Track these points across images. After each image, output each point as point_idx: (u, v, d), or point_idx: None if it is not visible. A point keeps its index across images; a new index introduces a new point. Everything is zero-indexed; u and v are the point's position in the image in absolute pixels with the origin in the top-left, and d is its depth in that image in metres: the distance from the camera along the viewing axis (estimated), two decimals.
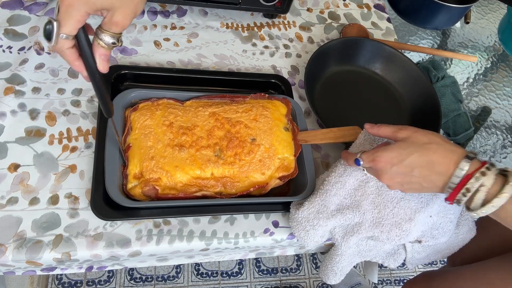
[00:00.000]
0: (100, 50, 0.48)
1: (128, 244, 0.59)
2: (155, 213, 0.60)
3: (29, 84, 0.68)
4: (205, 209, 0.62)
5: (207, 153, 0.62)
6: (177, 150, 0.61)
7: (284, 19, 0.90)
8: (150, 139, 0.61)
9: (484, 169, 0.48)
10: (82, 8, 0.44)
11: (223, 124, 0.64)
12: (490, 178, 0.47)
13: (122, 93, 0.65)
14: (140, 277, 1.26)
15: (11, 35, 0.72)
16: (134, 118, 0.63)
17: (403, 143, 0.52)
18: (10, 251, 0.55)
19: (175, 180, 0.60)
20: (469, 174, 0.48)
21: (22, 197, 0.59)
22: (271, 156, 0.64)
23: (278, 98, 0.70)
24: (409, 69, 0.83)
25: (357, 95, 0.83)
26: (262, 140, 0.64)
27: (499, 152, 0.89)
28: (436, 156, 0.49)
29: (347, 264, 0.67)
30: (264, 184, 0.63)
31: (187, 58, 0.79)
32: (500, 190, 0.47)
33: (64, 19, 0.44)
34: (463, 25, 1.08)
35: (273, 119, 0.67)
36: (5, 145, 0.62)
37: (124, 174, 0.60)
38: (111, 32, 0.47)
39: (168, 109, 0.64)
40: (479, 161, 0.49)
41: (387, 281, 1.40)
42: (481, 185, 0.47)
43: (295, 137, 0.67)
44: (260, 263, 1.36)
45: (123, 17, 0.47)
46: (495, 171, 0.48)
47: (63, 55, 0.47)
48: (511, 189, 0.46)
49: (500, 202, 0.47)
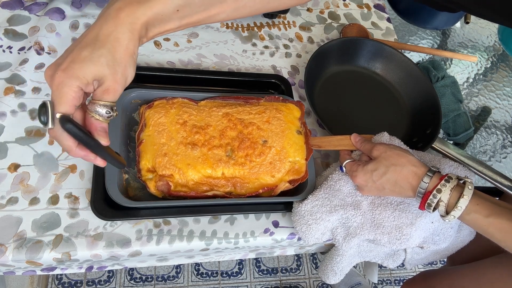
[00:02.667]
0: (95, 124, 0.45)
1: (128, 244, 0.59)
2: (155, 213, 0.60)
3: (29, 84, 0.68)
4: (205, 209, 0.62)
5: (219, 153, 0.62)
6: (189, 148, 0.61)
7: (284, 19, 0.90)
8: (164, 136, 0.61)
9: (440, 186, 0.54)
10: (74, 83, 0.42)
11: (236, 124, 0.64)
12: (446, 194, 0.54)
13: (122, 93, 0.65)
14: (140, 277, 1.26)
15: (11, 35, 0.72)
16: (149, 115, 0.63)
17: (375, 164, 0.59)
18: (10, 251, 0.55)
19: (187, 177, 0.60)
20: (429, 192, 0.55)
21: (22, 197, 0.59)
22: (282, 159, 0.63)
23: (292, 101, 0.70)
24: (409, 69, 0.83)
25: (357, 95, 0.83)
26: (274, 142, 0.64)
27: (499, 152, 0.89)
28: (401, 176, 0.57)
29: (347, 264, 0.67)
30: (274, 186, 0.63)
31: (187, 58, 0.79)
32: (455, 204, 0.53)
33: (57, 98, 0.42)
34: (463, 25, 1.08)
35: (286, 122, 0.66)
36: (5, 145, 0.62)
37: (138, 168, 0.60)
38: (104, 101, 0.45)
39: (182, 108, 0.64)
40: (439, 174, 0.56)
41: (387, 281, 1.40)
42: (440, 200, 0.54)
43: (307, 141, 0.67)
44: (260, 263, 1.36)
45: (114, 82, 0.44)
46: (451, 185, 0.54)
47: (61, 140, 0.44)
48: (464, 202, 0.53)
49: (457, 214, 0.53)
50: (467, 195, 0.53)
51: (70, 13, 0.78)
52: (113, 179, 0.58)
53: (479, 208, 0.53)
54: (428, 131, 0.76)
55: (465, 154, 0.75)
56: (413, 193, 0.57)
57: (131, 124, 0.66)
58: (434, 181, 0.55)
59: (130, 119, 0.67)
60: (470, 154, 0.76)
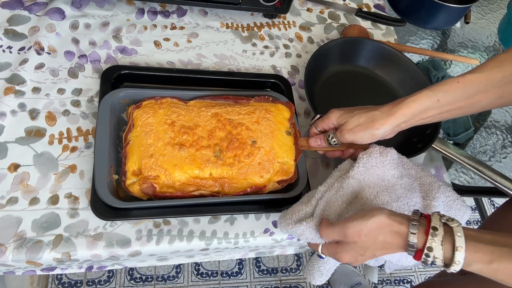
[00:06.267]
0: None
1: (128, 244, 0.59)
2: (155, 213, 0.60)
3: (29, 84, 0.68)
4: (205, 209, 0.62)
5: (207, 153, 0.62)
6: (177, 149, 0.61)
7: (284, 19, 0.90)
8: (151, 137, 0.61)
9: (429, 243, 0.48)
10: None
11: (225, 125, 0.64)
12: (438, 249, 0.48)
13: (110, 93, 0.65)
14: (140, 277, 1.26)
15: (11, 35, 0.72)
16: (137, 116, 0.63)
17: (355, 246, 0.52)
18: (10, 251, 0.55)
19: (173, 178, 0.60)
20: (420, 250, 0.49)
21: (22, 197, 0.59)
22: (270, 160, 0.63)
23: (282, 102, 0.70)
24: (409, 69, 0.83)
25: (357, 95, 0.83)
26: (262, 143, 0.64)
27: (499, 152, 0.89)
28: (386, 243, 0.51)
29: (334, 264, 0.66)
30: (262, 187, 0.63)
31: (187, 58, 0.79)
32: (452, 258, 0.47)
33: None
34: (463, 25, 1.08)
35: (275, 123, 0.66)
36: (5, 145, 0.62)
37: (123, 171, 0.60)
38: None
39: (171, 108, 0.64)
40: (423, 227, 0.49)
41: (387, 281, 1.40)
42: (435, 257, 0.48)
43: (297, 142, 0.67)
44: (260, 263, 1.36)
45: None
46: (440, 238, 0.48)
47: None
48: (461, 255, 0.47)
49: (457, 268, 0.47)
50: (461, 246, 0.47)
51: (70, 13, 0.78)
52: (103, 181, 0.58)
53: (479, 256, 0.47)
54: (428, 131, 0.76)
55: (465, 154, 0.75)
56: (404, 249, 0.51)
57: (120, 124, 0.66)
58: (420, 238, 0.49)
59: (119, 119, 0.66)
60: (470, 154, 0.76)
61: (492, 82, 0.54)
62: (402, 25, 0.97)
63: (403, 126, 0.58)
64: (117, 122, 0.66)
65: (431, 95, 0.56)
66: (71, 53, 0.74)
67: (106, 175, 0.59)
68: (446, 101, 0.56)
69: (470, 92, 0.55)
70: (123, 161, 0.60)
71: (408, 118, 0.57)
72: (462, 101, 0.56)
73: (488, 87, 0.55)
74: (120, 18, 0.80)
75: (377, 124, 0.58)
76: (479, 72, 0.55)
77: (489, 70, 0.55)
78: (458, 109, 0.57)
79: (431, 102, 0.56)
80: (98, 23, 0.79)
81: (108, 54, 0.75)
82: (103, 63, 0.74)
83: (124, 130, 0.64)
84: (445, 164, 0.80)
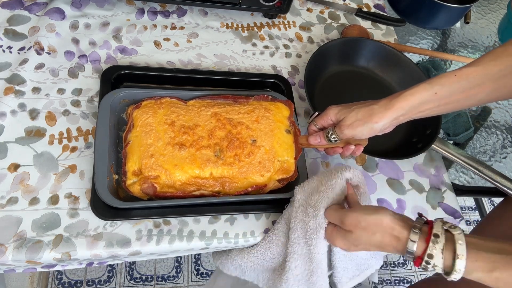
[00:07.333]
0: None
1: (128, 244, 0.59)
2: (155, 213, 0.60)
3: (29, 84, 0.68)
4: (205, 209, 0.62)
5: (207, 153, 0.62)
6: (177, 148, 0.61)
7: (284, 19, 0.90)
8: (151, 137, 0.61)
9: (429, 250, 0.48)
10: None
11: (225, 124, 0.64)
12: (438, 258, 0.47)
13: (110, 93, 0.65)
14: (140, 277, 1.26)
15: (11, 35, 0.72)
16: (137, 116, 0.63)
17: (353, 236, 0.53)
18: (10, 251, 0.55)
19: (174, 178, 0.60)
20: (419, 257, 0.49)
21: (22, 197, 0.59)
22: (271, 158, 0.63)
23: (281, 100, 0.70)
24: (409, 69, 0.83)
25: (357, 95, 0.83)
26: (262, 141, 0.64)
27: (499, 152, 0.89)
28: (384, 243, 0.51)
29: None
30: (263, 186, 0.63)
31: (187, 58, 0.79)
32: (452, 266, 0.47)
33: None
34: (463, 25, 1.08)
35: (275, 121, 0.67)
36: (5, 145, 0.62)
37: (123, 171, 0.60)
38: None
39: (170, 108, 0.64)
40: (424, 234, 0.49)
41: (387, 281, 1.40)
42: (434, 265, 0.48)
43: (297, 140, 0.67)
44: None
45: None
46: (441, 246, 0.47)
47: None
48: (462, 264, 0.46)
49: (458, 276, 0.47)
50: (461, 254, 0.46)
51: (70, 13, 0.78)
52: (103, 181, 0.58)
53: (480, 264, 0.46)
54: (428, 131, 0.76)
55: (465, 154, 0.75)
56: (402, 254, 0.51)
57: (120, 124, 0.66)
58: (420, 245, 0.49)
59: (119, 119, 0.66)
60: (470, 154, 0.76)
61: (489, 75, 0.55)
62: (402, 25, 0.97)
63: (401, 119, 0.59)
64: (117, 122, 0.66)
65: (428, 88, 0.56)
66: (71, 53, 0.74)
67: (106, 175, 0.59)
68: (443, 94, 0.56)
69: (467, 85, 0.55)
70: (123, 161, 0.60)
71: (406, 111, 0.57)
72: (459, 94, 0.56)
73: (485, 80, 0.55)
74: (120, 18, 0.80)
75: (376, 118, 0.58)
76: (475, 65, 0.55)
77: (485, 64, 0.55)
78: (455, 102, 0.57)
79: (428, 95, 0.56)
80: (98, 23, 0.79)
81: (108, 54, 0.75)
82: (103, 63, 0.74)
83: (124, 130, 0.64)
84: (445, 164, 0.80)
